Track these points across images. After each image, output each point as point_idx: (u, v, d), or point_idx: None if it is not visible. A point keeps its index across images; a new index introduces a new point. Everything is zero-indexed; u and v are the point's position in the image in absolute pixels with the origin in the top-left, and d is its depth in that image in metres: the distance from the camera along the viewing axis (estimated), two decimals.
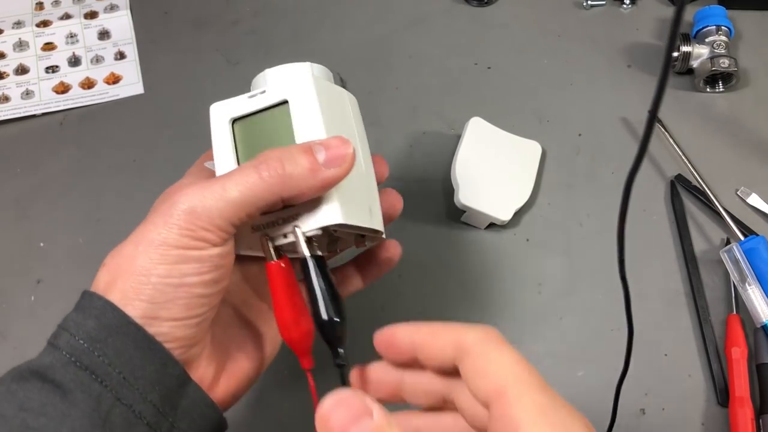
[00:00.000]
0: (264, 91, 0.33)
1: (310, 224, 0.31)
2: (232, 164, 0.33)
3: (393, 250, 0.40)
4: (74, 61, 0.65)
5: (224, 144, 0.33)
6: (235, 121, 0.34)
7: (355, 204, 0.33)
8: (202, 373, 0.32)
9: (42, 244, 0.56)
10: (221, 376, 0.34)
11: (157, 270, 0.29)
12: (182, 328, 0.30)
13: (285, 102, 0.33)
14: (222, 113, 0.34)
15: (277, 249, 0.33)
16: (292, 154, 0.30)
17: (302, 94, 0.32)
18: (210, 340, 0.33)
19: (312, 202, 0.31)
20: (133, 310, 0.29)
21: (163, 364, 0.29)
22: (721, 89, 0.59)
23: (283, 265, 0.32)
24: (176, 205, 0.30)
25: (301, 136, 0.32)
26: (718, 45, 0.57)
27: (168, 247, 0.29)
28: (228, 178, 0.30)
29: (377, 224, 0.35)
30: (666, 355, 0.49)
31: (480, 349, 0.25)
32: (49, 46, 0.66)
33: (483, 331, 0.26)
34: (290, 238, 0.32)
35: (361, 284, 0.40)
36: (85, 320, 0.29)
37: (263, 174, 0.30)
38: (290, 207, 0.32)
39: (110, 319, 0.29)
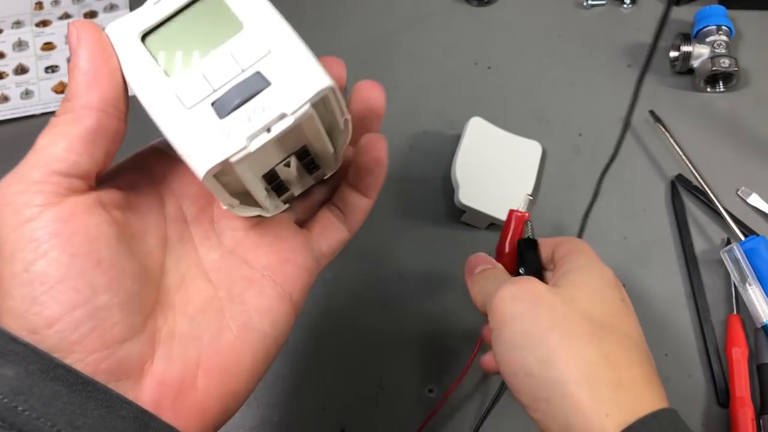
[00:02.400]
0: None
1: (296, 102, 0.24)
2: (161, 80, 0.26)
3: (377, 144, 0.31)
4: None
5: (141, 66, 0.26)
6: (146, 35, 0.26)
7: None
8: (163, 375, 0.26)
9: None
10: (200, 370, 0.27)
11: None
12: (73, 327, 0.24)
13: None
14: (123, 33, 0.26)
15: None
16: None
17: None
18: (155, 326, 0.27)
19: (285, 82, 0.25)
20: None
21: (108, 407, 0.24)
22: (722, 89, 0.59)
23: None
24: None
25: (247, 20, 0.26)
26: (719, 45, 0.57)
27: None
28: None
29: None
30: (666, 355, 0.49)
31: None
32: (48, 46, 0.66)
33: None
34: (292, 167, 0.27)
35: (368, 202, 0.33)
36: (2, 369, 0.23)
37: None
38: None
39: (33, 364, 0.23)
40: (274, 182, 0.29)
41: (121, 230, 0.26)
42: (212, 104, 0.25)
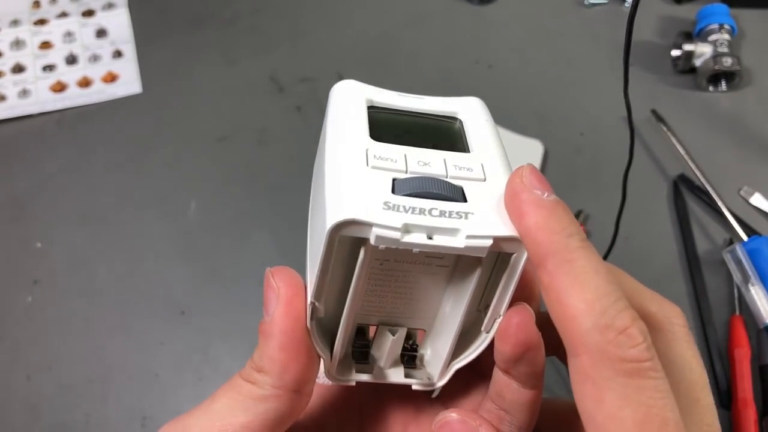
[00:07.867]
0: (421, 98, 0.27)
1: (479, 228, 0.20)
2: (361, 136, 0.23)
3: (520, 325, 0.21)
4: (71, 60, 0.65)
5: (350, 122, 0.24)
6: (374, 107, 0.25)
7: None
8: None
9: (39, 245, 0.55)
10: None
11: None
12: None
13: (456, 120, 0.27)
14: (352, 92, 0.25)
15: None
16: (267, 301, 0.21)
17: (477, 120, 0.27)
18: None
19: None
20: None
21: None
22: (724, 88, 0.59)
23: None
24: None
25: (477, 151, 0.24)
26: (721, 43, 0.57)
27: None
28: (223, 388, 0.22)
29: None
30: None
31: (675, 333, 0.22)
32: (46, 45, 0.66)
33: (676, 312, 0.22)
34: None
35: (531, 395, 0.24)
36: None
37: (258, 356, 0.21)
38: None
39: None
40: (358, 343, 0.25)
41: None
42: (394, 179, 0.21)
